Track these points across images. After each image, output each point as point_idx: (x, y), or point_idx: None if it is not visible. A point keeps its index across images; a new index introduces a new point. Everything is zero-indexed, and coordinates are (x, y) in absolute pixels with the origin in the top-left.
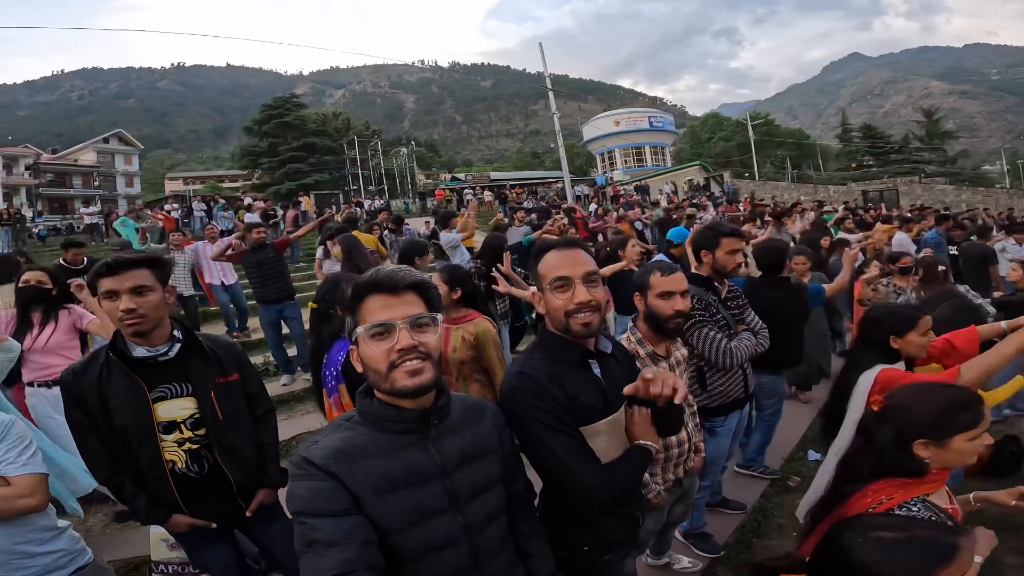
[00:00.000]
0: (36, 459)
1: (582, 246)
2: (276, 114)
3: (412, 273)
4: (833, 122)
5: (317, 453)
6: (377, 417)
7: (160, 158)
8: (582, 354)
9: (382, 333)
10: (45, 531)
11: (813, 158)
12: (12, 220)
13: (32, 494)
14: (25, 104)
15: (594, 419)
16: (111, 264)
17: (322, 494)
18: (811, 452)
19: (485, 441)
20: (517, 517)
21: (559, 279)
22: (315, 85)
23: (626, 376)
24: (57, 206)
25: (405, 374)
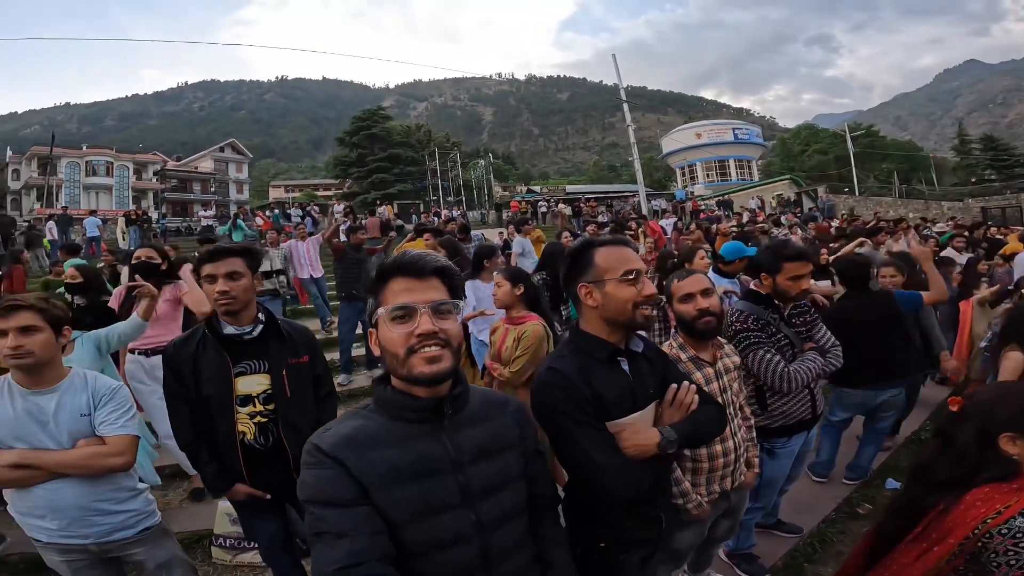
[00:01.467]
0: (132, 422)
1: (631, 244)
2: (364, 126)
3: (438, 258)
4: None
5: (327, 440)
6: (391, 404)
7: (266, 167)
8: (612, 351)
9: (403, 316)
10: (125, 491)
11: (925, 172)
12: (139, 220)
13: (122, 453)
14: (154, 114)
15: (620, 415)
16: (212, 252)
17: (330, 483)
18: (890, 480)
19: (504, 436)
20: (538, 520)
21: (631, 272)
22: (400, 98)
23: (656, 376)
24: (179, 209)
25: (423, 360)
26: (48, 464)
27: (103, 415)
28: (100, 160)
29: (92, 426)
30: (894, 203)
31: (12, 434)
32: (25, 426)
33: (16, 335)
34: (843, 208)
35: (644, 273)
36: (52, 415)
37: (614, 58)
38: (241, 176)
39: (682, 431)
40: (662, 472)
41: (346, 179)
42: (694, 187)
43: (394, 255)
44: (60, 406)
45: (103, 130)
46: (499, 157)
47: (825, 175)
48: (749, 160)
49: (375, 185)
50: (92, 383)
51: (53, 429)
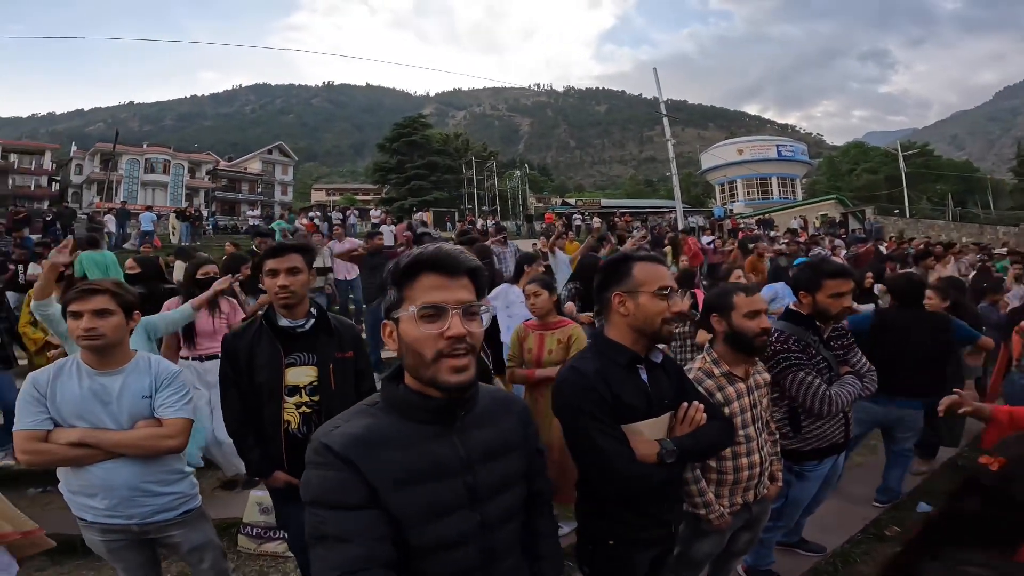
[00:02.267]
0: (188, 406)
1: (665, 263)
2: (404, 132)
3: (471, 257)
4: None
5: (337, 440)
6: (403, 404)
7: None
8: (632, 358)
9: (433, 316)
10: (173, 473)
11: (981, 194)
12: (191, 217)
13: (176, 435)
14: (210, 115)
15: (635, 420)
16: (276, 248)
17: (338, 485)
18: (921, 504)
19: (510, 437)
20: (534, 515)
21: (665, 288)
22: (439, 106)
23: (672, 387)
24: (227, 208)
25: (450, 369)
26: (107, 443)
27: (163, 398)
28: (158, 158)
29: (151, 408)
30: (947, 227)
31: (75, 412)
32: (89, 405)
33: (91, 317)
34: (892, 231)
35: (676, 291)
36: (116, 396)
37: (655, 71)
38: (286, 178)
39: (683, 445)
40: (673, 478)
41: (385, 184)
42: (733, 205)
43: None
44: (124, 387)
45: (162, 129)
46: (535, 168)
47: (874, 196)
48: (793, 178)
49: (412, 192)
50: (156, 366)
51: (115, 409)
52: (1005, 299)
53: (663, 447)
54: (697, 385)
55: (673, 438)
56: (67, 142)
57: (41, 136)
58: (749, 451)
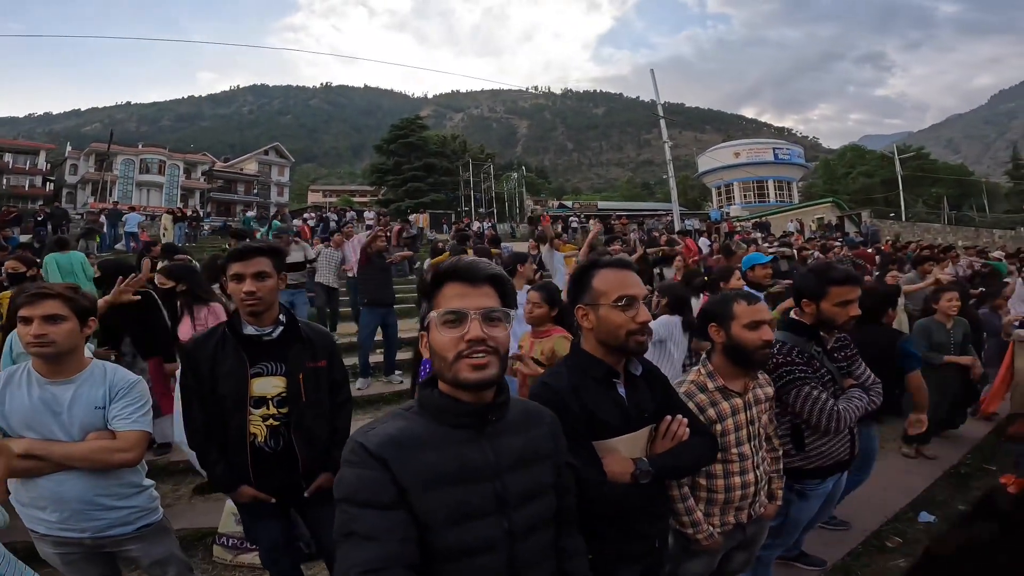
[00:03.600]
0: (146, 418)
1: (635, 268)
2: (402, 134)
3: (492, 266)
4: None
5: (372, 440)
6: (435, 408)
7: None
8: (607, 372)
9: (454, 321)
10: (129, 487)
11: (976, 198)
12: (187, 218)
13: (131, 449)
14: (207, 115)
15: (611, 435)
16: (241, 251)
17: (371, 484)
18: (923, 513)
19: (540, 446)
20: (563, 533)
21: (627, 298)
22: (437, 108)
23: (653, 399)
24: (223, 209)
25: (470, 367)
26: (55, 455)
27: (117, 409)
28: (154, 158)
29: (105, 419)
30: (943, 230)
31: (24, 423)
32: (39, 416)
33: (41, 323)
34: (888, 234)
35: (640, 300)
36: (67, 406)
37: (652, 73)
38: (283, 179)
39: (660, 464)
40: (652, 495)
41: (382, 186)
42: (730, 207)
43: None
44: (76, 398)
45: (160, 130)
46: (532, 170)
47: (870, 199)
48: (789, 181)
49: (409, 193)
50: (111, 376)
51: (65, 420)
52: (1007, 304)
53: (638, 467)
54: (688, 399)
55: (651, 456)
56: (63, 142)
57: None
58: (743, 469)
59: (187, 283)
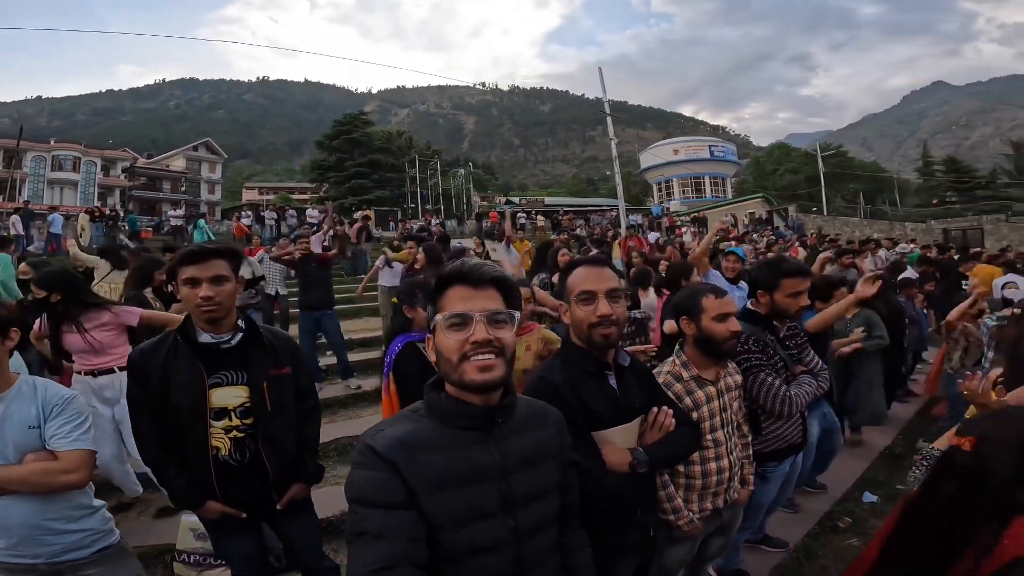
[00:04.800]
0: (87, 436)
1: (609, 265)
2: (345, 130)
3: (496, 268)
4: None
5: (381, 442)
6: (443, 411)
7: (240, 168)
8: (599, 365)
9: (459, 324)
10: (79, 509)
11: (889, 193)
12: (105, 218)
13: (76, 470)
14: (128, 110)
15: (605, 426)
16: (196, 252)
17: (379, 485)
18: (867, 494)
19: (546, 446)
20: (567, 530)
21: (584, 293)
22: (382, 104)
23: (641, 390)
24: (147, 208)
25: (475, 368)
26: None
27: (54, 427)
28: (67, 155)
29: (42, 439)
30: (860, 223)
31: None
32: None
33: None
34: (812, 227)
35: (601, 294)
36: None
37: (600, 72)
38: (214, 176)
39: (654, 454)
40: (646, 486)
41: (323, 183)
42: (670, 203)
43: None
44: (6, 417)
45: (74, 125)
46: (479, 167)
47: (795, 194)
48: (724, 177)
49: (353, 191)
50: (43, 392)
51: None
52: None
53: (636, 457)
54: (666, 389)
55: (644, 446)
56: None
57: None
58: (718, 455)
59: (62, 292)
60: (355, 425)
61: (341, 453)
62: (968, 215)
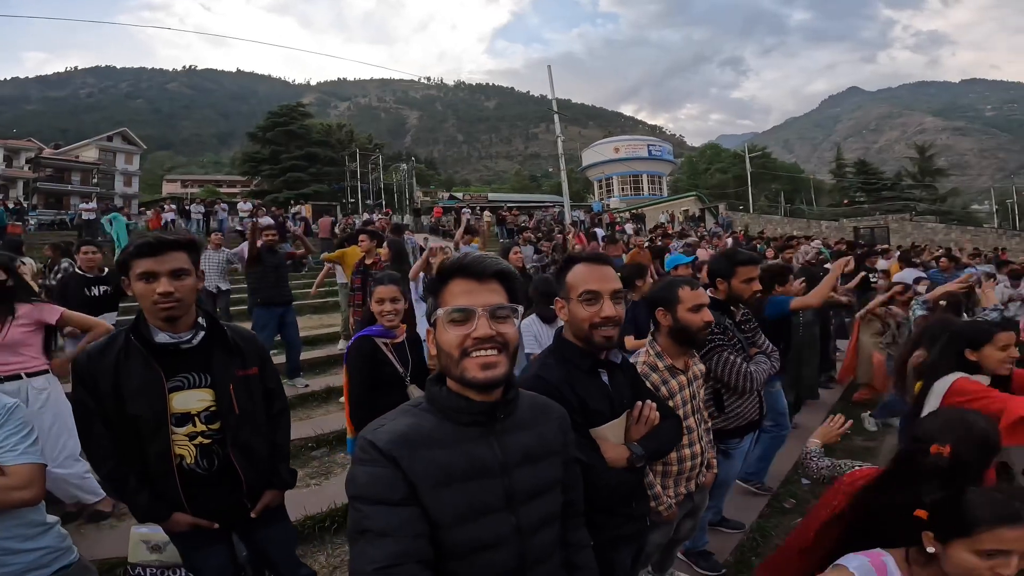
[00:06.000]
0: (35, 448)
1: (611, 263)
2: (281, 122)
3: (499, 261)
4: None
5: (382, 437)
6: (444, 406)
7: (161, 159)
8: (593, 362)
9: (461, 318)
10: (33, 526)
11: (806, 192)
12: (8, 211)
13: (28, 486)
14: (35, 98)
15: (600, 423)
16: (153, 244)
17: (381, 481)
18: (804, 480)
19: (549, 442)
20: (570, 527)
21: (588, 293)
22: (321, 96)
23: (630, 386)
24: (53, 201)
25: (477, 365)
26: None
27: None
28: None
29: None
30: (781, 221)
31: None
32: None
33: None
34: (739, 224)
35: (606, 295)
36: None
37: (549, 70)
38: (131, 168)
39: (649, 448)
40: (639, 478)
41: (255, 176)
42: (610, 200)
43: None
44: None
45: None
46: (422, 162)
47: (724, 193)
48: (660, 176)
49: (288, 184)
50: None
51: None
52: None
53: (633, 452)
54: (643, 379)
55: (638, 440)
56: None
57: None
58: (691, 442)
59: (9, 274)
60: (307, 426)
61: (294, 456)
62: (876, 214)
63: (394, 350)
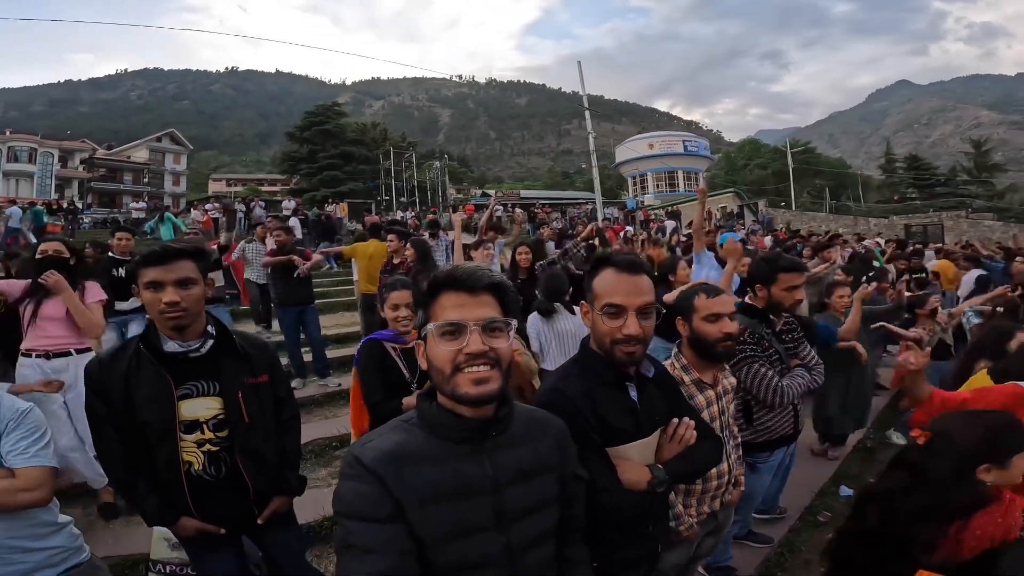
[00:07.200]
0: (47, 451)
1: (646, 271)
2: (317, 121)
3: (492, 273)
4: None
5: (368, 454)
6: (434, 422)
7: (207, 159)
8: (619, 376)
9: (452, 333)
10: (44, 526)
11: (853, 188)
12: (63, 211)
13: (37, 487)
14: (87, 101)
15: (623, 441)
16: (160, 253)
17: (366, 498)
18: (843, 488)
19: (544, 459)
20: (567, 543)
21: (612, 306)
22: (356, 95)
23: (665, 402)
24: (107, 200)
25: (469, 381)
26: None
27: (10, 443)
28: (23, 146)
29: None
30: (826, 218)
31: None
32: None
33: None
34: (780, 222)
35: (631, 311)
36: None
37: (579, 65)
38: (179, 167)
39: (675, 470)
40: (660, 500)
41: (294, 175)
42: (644, 197)
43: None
44: None
45: (31, 116)
46: (455, 159)
47: (764, 189)
48: (697, 172)
49: (325, 182)
50: None
51: None
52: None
53: (655, 475)
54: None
55: (665, 462)
56: None
57: None
58: None
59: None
60: (332, 425)
61: (318, 454)
62: (929, 211)
63: (403, 355)
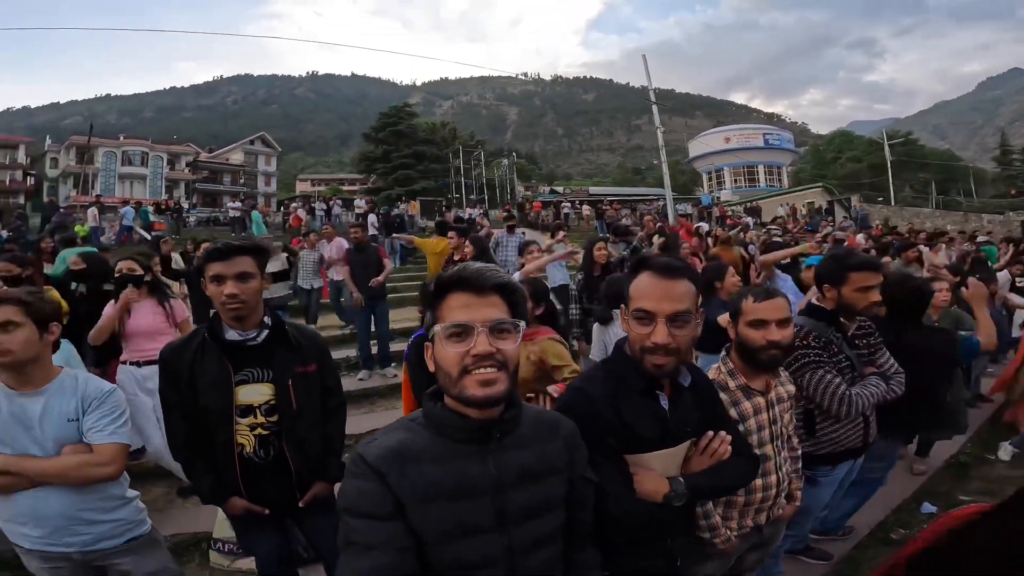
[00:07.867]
0: (123, 429)
1: (687, 275)
2: (390, 122)
3: (499, 274)
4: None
5: (372, 452)
6: (439, 423)
7: (294, 160)
8: (648, 382)
9: (459, 334)
10: (113, 500)
11: (964, 182)
12: (170, 210)
13: (110, 463)
14: (190, 107)
15: (648, 449)
16: (221, 250)
17: (368, 495)
18: (926, 504)
19: (552, 460)
20: (574, 546)
21: (641, 312)
22: (426, 96)
23: (699, 411)
24: (209, 200)
25: (476, 383)
26: (31, 472)
27: (92, 421)
28: (136, 150)
29: (80, 432)
30: (931, 214)
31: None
32: (10, 430)
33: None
34: (878, 218)
35: (661, 318)
36: (38, 419)
37: (644, 59)
38: (270, 169)
39: (697, 485)
40: (681, 513)
41: (370, 175)
42: (720, 192)
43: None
44: (47, 410)
45: (141, 122)
46: (522, 157)
47: (858, 184)
48: (779, 166)
49: (399, 181)
50: (83, 386)
51: (38, 434)
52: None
53: (674, 489)
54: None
55: (688, 473)
56: (43, 136)
57: (17, 130)
58: (765, 471)
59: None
60: (391, 416)
61: None
62: None
63: None
